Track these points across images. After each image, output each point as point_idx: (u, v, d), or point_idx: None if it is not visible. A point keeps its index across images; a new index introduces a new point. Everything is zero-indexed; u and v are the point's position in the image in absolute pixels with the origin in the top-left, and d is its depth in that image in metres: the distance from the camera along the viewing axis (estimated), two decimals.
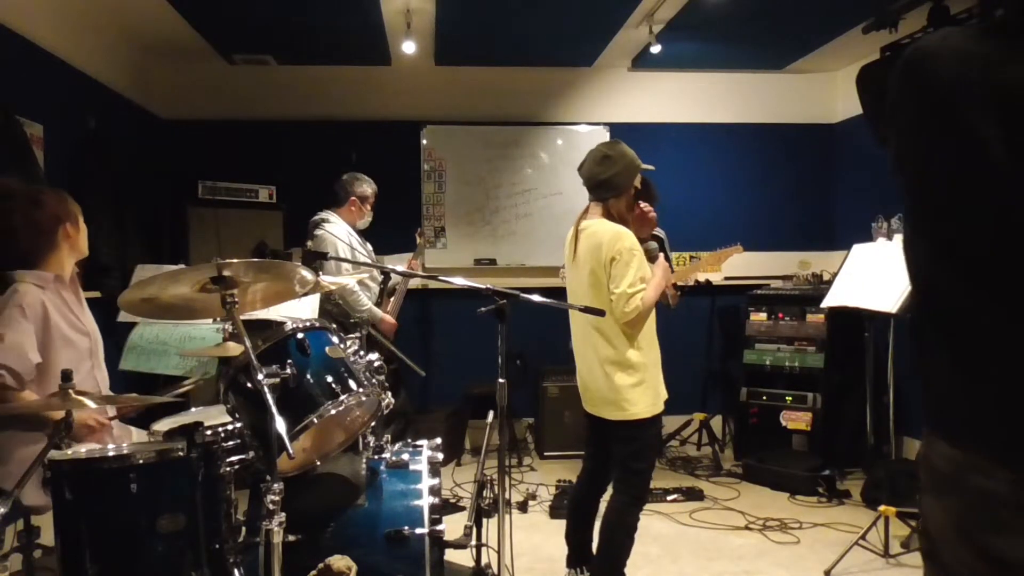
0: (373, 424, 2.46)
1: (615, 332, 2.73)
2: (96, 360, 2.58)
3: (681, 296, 3.27)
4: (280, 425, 1.81)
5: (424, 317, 5.63)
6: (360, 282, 4.06)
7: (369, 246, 4.33)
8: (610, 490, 2.88)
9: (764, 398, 4.96)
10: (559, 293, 3.12)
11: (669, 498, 4.29)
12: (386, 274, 4.21)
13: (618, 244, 2.69)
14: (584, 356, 2.88)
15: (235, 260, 1.99)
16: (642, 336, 2.75)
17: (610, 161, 2.76)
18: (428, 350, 5.57)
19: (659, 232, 4.28)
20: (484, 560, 2.61)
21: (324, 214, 4.16)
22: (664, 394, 2.81)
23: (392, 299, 4.29)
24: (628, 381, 2.71)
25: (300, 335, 2.19)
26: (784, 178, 5.83)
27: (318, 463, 2.27)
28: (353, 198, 4.17)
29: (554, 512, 4.07)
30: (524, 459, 5.10)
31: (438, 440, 2.69)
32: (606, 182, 2.78)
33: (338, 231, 4.07)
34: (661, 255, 2.87)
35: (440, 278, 2.90)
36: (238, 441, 2.09)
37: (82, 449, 2.16)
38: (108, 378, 2.66)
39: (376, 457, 2.52)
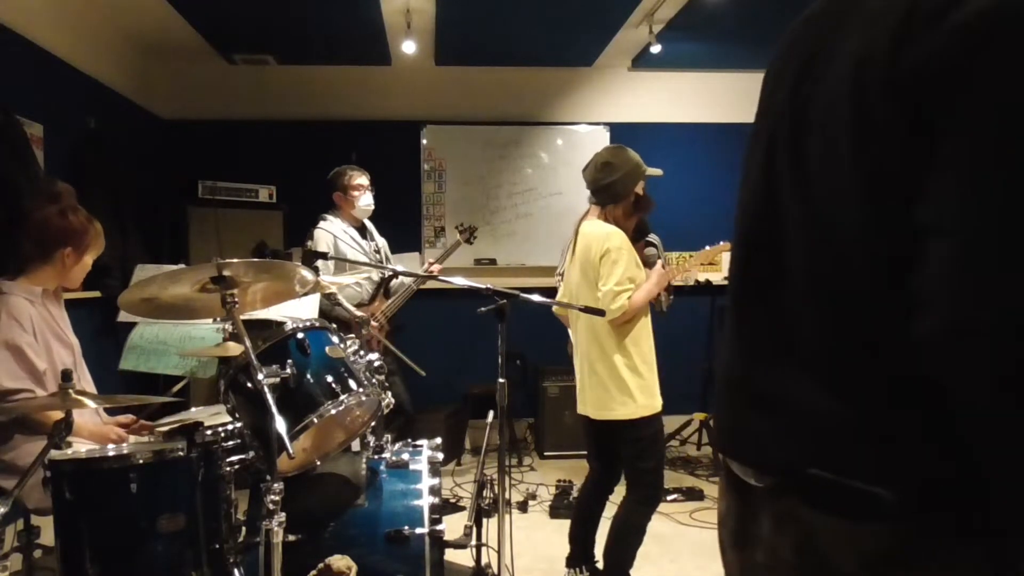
0: (373, 424, 2.46)
1: (606, 333, 2.75)
2: (80, 371, 2.58)
3: (672, 298, 3.28)
4: (280, 425, 1.81)
5: (424, 317, 5.63)
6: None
7: (379, 242, 4.21)
8: (620, 491, 2.89)
9: None
10: (557, 293, 3.15)
11: (669, 498, 4.28)
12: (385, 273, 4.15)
13: (607, 243, 2.72)
14: (580, 356, 2.91)
15: (235, 260, 1.99)
16: (634, 337, 2.76)
17: (611, 168, 2.77)
18: (428, 350, 5.56)
19: (653, 238, 4.27)
20: (484, 560, 2.61)
21: (322, 215, 4.11)
22: (658, 395, 2.81)
23: (390, 300, 4.23)
24: (619, 383, 2.73)
25: (300, 335, 2.19)
26: None
27: (318, 463, 2.27)
28: (336, 193, 4.08)
29: (554, 512, 4.07)
30: (524, 459, 5.10)
31: (438, 440, 2.69)
32: (605, 188, 2.79)
33: (331, 229, 4.00)
34: (660, 262, 2.88)
35: (440, 278, 2.90)
36: (238, 441, 2.10)
37: (82, 449, 2.16)
38: (94, 387, 2.65)
39: (376, 457, 2.52)
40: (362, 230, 4.15)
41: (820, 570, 0.83)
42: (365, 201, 4.13)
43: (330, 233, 3.99)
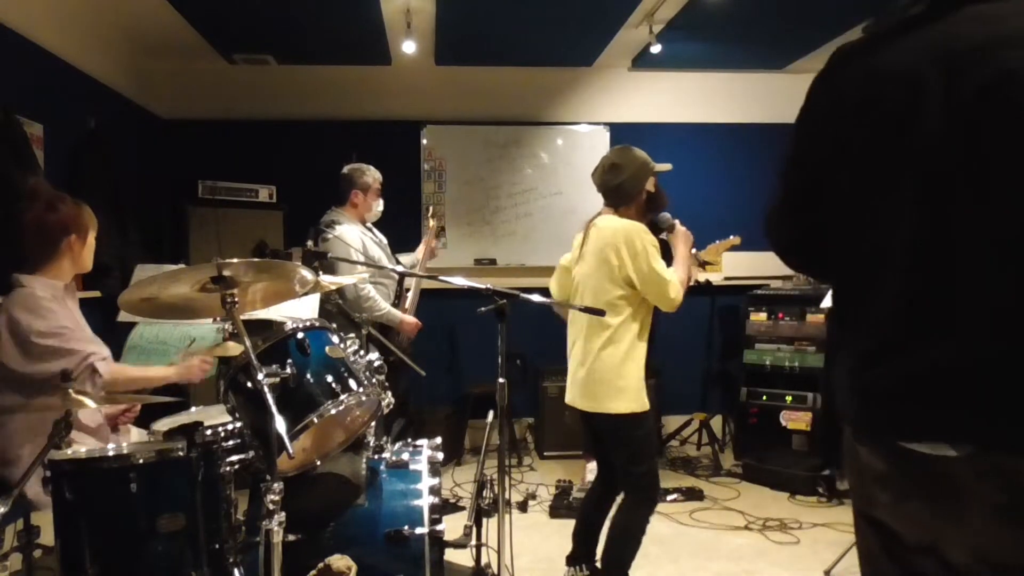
0: (373, 424, 2.46)
1: (602, 329, 2.74)
2: None
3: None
4: (280, 425, 1.81)
5: (424, 317, 5.63)
6: (374, 282, 3.90)
7: (384, 240, 4.14)
8: None
9: (764, 398, 4.96)
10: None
11: (669, 498, 4.28)
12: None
13: (632, 234, 2.70)
14: (575, 348, 2.90)
15: (235, 260, 1.99)
16: (633, 337, 2.75)
17: (618, 169, 2.78)
18: (428, 350, 5.57)
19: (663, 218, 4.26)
20: (484, 560, 2.61)
21: (333, 214, 3.96)
22: (646, 397, 2.79)
23: (409, 295, 4.19)
24: (615, 379, 2.72)
25: (300, 335, 2.19)
26: None
27: (318, 463, 2.27)
28: (355, 191, 3.97)
29: (554, 512, 4.07)
30: (524, 459, 5.10)
31: (438, 440, 2.69)
32: (615, 190, 2.80)
33: (350, 234, 3.85)
34: (676, 221, 2.88)
35: (440, 278, 2.90)
36: (238, 441, 2.10)
37: (82, 449, 2.16)
38: None
39: (376, 457, 2.53)
40: (369, 228, 4.09)
41: None
42: (380, 206, 4.06)
43: (351, 243, 3.83)
